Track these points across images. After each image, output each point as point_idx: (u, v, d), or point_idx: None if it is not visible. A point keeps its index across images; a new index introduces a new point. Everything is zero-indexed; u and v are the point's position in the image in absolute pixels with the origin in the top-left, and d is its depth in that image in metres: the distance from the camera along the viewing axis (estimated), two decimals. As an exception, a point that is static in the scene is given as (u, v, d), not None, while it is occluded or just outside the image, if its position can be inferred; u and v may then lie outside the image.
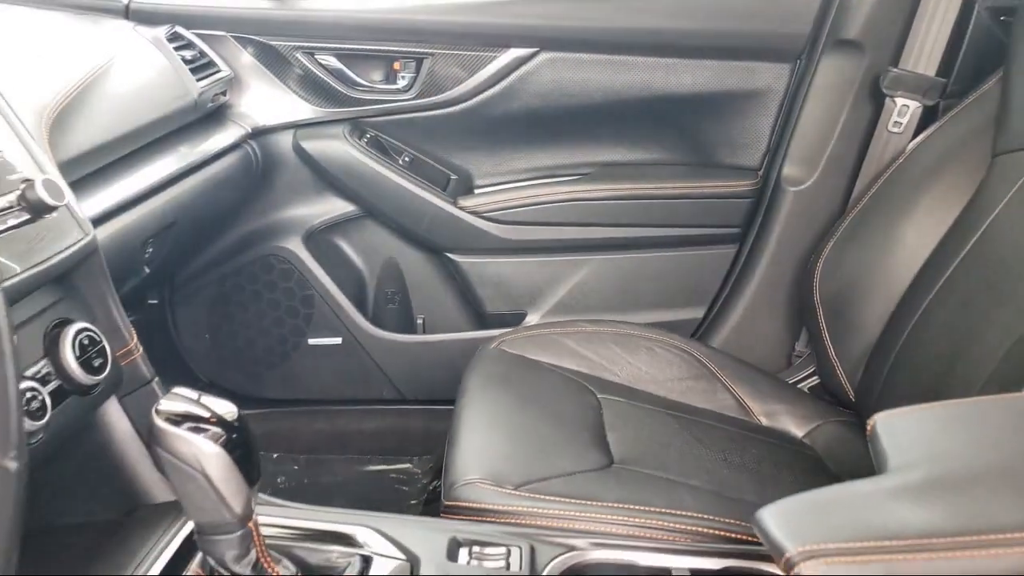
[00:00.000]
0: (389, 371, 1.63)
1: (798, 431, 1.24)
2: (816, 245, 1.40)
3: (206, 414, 0.62)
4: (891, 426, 0.68)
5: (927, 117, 1.34)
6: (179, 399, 0.63)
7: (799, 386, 1.46)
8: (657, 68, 1.47)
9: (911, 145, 1.30)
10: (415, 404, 1.65)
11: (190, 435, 0.61)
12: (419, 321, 1.67)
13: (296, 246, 1.56)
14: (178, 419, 0.62)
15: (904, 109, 1.34)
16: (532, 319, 1.61)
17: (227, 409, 0.64)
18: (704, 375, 1.30)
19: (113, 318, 0.82)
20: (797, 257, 1.48)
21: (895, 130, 1.36)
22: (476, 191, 1.63)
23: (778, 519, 0.57)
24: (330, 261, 1.61)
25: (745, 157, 1.55)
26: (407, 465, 1.62)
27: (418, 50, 1.47)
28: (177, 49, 1.32)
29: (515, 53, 1.47)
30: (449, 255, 1.61)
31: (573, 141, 1.61)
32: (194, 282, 1.56)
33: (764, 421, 1.25)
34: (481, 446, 1.01)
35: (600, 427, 1.11)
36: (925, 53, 1.32)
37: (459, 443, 1.03)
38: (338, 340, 1.60)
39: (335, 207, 1.57)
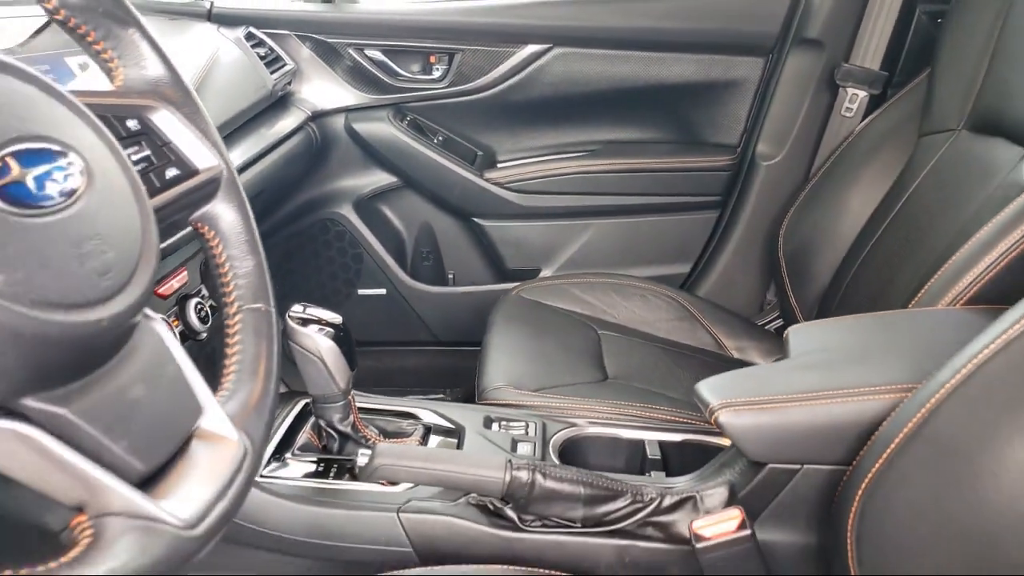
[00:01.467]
0: (425, 317, 1.82)
1: (763, 362, 1.48)
2: (783, 211, 1.59)
3: (324, 318, 0.88)
4: (799, 332, 0.94)
5: (875, 103, 1.53)
6: (301, 309, 0.90)
7: (767, 327, 1.65)
8: (651, 61, 1.65)
9: (859, 127, 1.48)
10: (447, 345, 1.84)
11: (313, 332, 0.87)
12: (450, 275, 1.86)
13: (348, 211, 1.75)
14: (303, 321, 0.88)
15: (854, 97, 1.54)
16: (545, 273, 1.79)
17: (334, 317, 0.90)
18: (687, 317, 1.52)
19: None
20: (767, 221, 1.65)
21: (847, 115, 1.56)
22: (499, 165, 1.79)
23: (708, 385, 0.83)
24: (376, 224, 1.78)
25: (725, 136, 1.73)
26: (440, 396, 1.80)
27: (450, 46, 1.65)
28: (252, 47, 1.52)
29: (531, 49, 1.64)
30: (475, 220, 1.79)
31: (580, 123, 1.77)
32: (264, 242, 1.80)
33: (735, 354, 1.47)
34: (506, 364, 1.25)
35: (599, 354, 1.34)
36: (871, 50, 1.52)
37: (488, 362, 1.27)
38: (383, 291, 1.79)
39: (380, 179, 1.75)
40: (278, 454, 0.92)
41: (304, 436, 0.95)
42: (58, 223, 0.38)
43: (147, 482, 0.41)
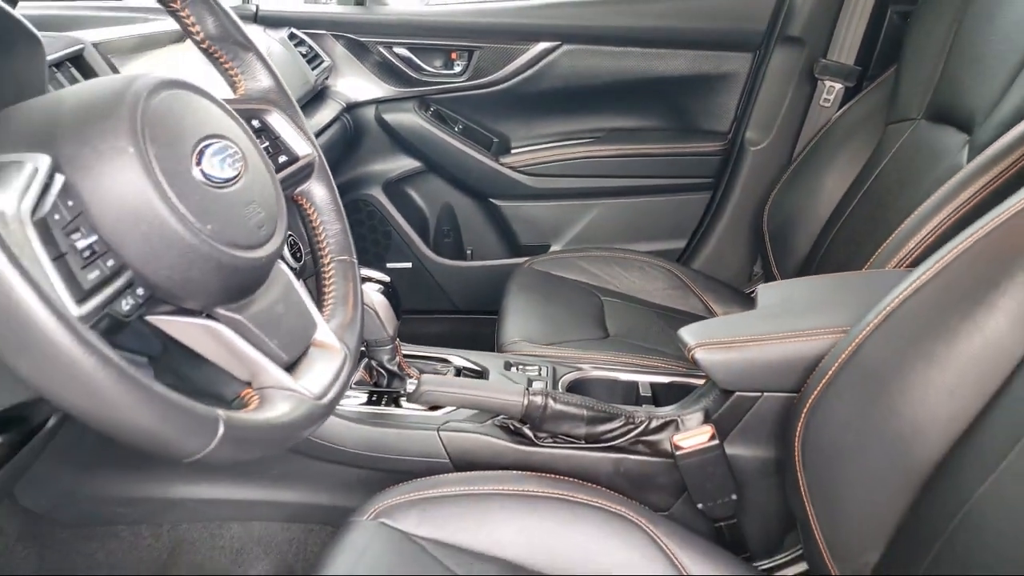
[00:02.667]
0: (446, 288, 1.99)
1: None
2: (768, 191, 1.75)
3: (375, 277, 1.07)
4: (766, 289, 1.13)
5: (850, 95, 1.69)
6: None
7: (753, 296, 1.83)
8: (650, 56, 1.80)
9: (835, 116, 1.65)
10: (465, 313, 2.01)
11: (368, 288, 1.07)
12: (468, 251, 2.02)
13: (378, 193, 1.91)
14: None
15: (831, 89, 1.71)
16: (554, 248, 1.95)
17: (384, 276, 1.10)
18: (681, 286, 1.68)
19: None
20: (754, 200, 1.81)
21: (825, 105, 1.73)
22: (513, 151, 1.94)
23: (688, 330, 1.01)
24: (402, 204, 1.94)
25: (717, 124, 1.88)
26: (461, 360, 2.01)
27: (469, 44, 1.81)
28: (295, 46, 1.68)
29: (542, 46, 1.79)
30: (492, 200, 1.94)
31: (586, 112, 1.92)
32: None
33: (723, 319, 1.67)
34: (520, 323, 1.43)
35: (601, 316, 1.52)
36: (846, 47, 1.69)
37: (505, 322, 1.45)
38: (408, 264, 1.95)
39: (406, 163, 1.91)
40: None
41: (359, 374, 1.14)
42: (233, 192, 0.58)
43: (289, 369, 0.61)
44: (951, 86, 1.37)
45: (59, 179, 0.48)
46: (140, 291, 0.51)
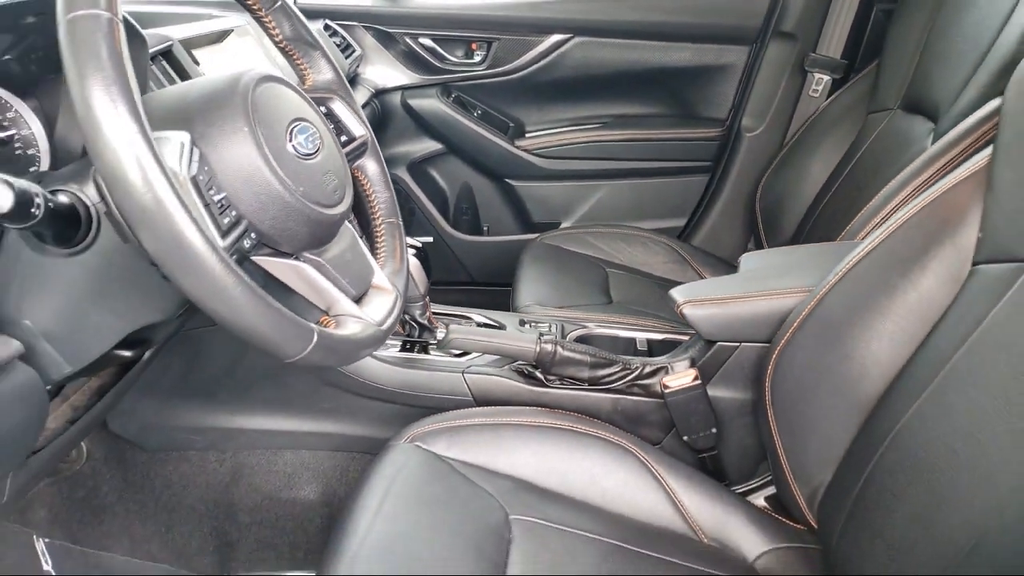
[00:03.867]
0: (464, 261, 2.13)
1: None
2: (761, 174, 1.90)
3: (410, 242, 1.24)
4: (749, 257, 1.29)
5: (837, 86, 1.84)
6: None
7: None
8: (655, 49, 1.94)
9: (823, 106, 1.80)
10: (482, 285, 2.15)
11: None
12: (485, 227, 2.16)
13: (402, 172, 2.05)
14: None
15: (820, 80, 1.86)
16: (565, 225, 2.09)
17: (415, 241, 1.26)
18: (679, 260, 1.84)
19: None
20: (749, 182, 1.95)
21: (814, 95, 1.87)
22: (527, 135, 2.07)
23: (678, 290, 1.18)
24: (425, 184, 2.08)
25: (715, 111, 2.02)
26: (477, 327, 2.16)
27: (488, 35, 1.94)
28: (330, 36, 1.84)
29: (555, 38, 1.92)
30: (507, 180, 2.08)
31: (595, 99, 2.05)
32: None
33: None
34: (533, 289, 1.60)
35: (606, 286, 1.68)
36: (834, 42, 1.84)
37: (519, 290, 1.61)
38: (430, 239, 2.07)
39: (429, 146, 2.05)
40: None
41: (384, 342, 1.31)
42: (315, 163, 0.75)
43: (356, 302, 0.78)
44: (923, 79, 1.52)
45: (196, 151, 0.66)
46: (253, 236, 0.68)
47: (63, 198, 0.66)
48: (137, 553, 1.25)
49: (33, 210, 0.60)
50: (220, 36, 1.28)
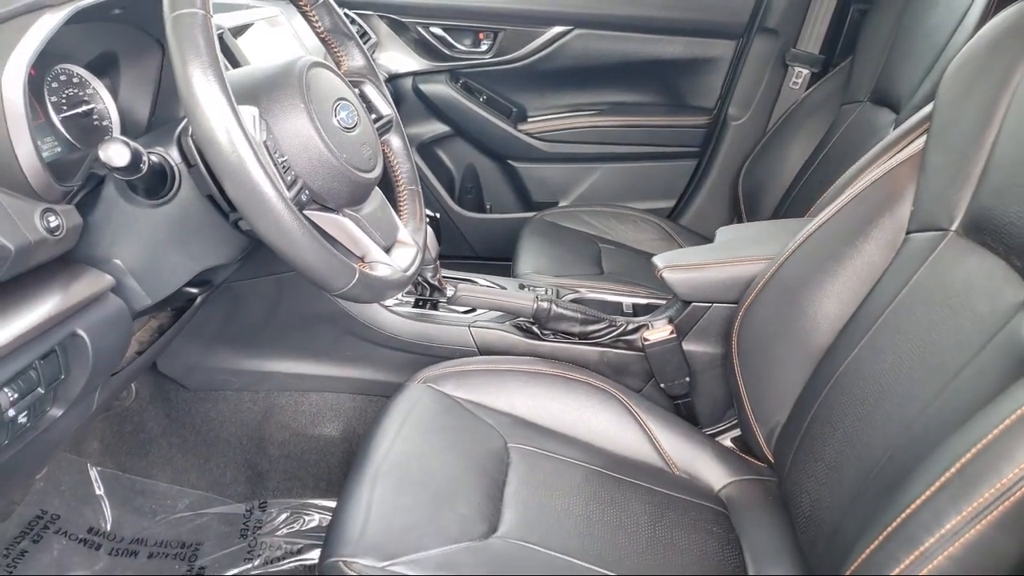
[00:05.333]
0: (468, 237, 2.27)
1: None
2: (744, 159, 2.05)
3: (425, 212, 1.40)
4: (724, 230, 1.44)
5: (815, 79, 1.99)
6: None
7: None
8: (649, 41, 2.07)
9: (801, 97, 1.96)
10: (484, 259, 2.28)
11: None
12: (488, 206, 2.29)
13: (412, 154, 2.23)
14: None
15: (800, 73, 2.01)
16: (562, 204, 2.23)
17: (431, 212, 1.42)
18: (667, 238, 1.99)
19: None
20: (733, 167, 2.09)
21: (794, 87, 2.02)
22: (529, 119, 2.20)
23: (659, 257, 1.33)
24: (432, 163, 2.21)
25: (704, 101, 2.15)
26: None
27: (494, 26, 2.07)
28: None
29: (556, 29, 2.05)
30: (510, 162, 2.21)
31: (593, 88, 2.17)
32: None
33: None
34: (531, 260, 1.76)
35: (599, 258, 1.83)
36: (813, 38, 1.98)
37: (518, 261, 1.77)
38: (437, 215, 2.24)
39: (437, 128, 2.17)
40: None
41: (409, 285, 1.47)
42: (355, 136, 0.90)
43: (386, 252, 0.94)
44: (889, 75, 1.68)
45: (264, 122, 0.81)
46: (306, 192, 0.84)
47: (154, 158, 0.82)
48: (178, 481, 1.42)
49: (141, 165, 0.76)
50: (259, 25, 1.44)
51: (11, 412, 0.74)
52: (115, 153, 0.73)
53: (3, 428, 0.74)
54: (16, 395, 0.74)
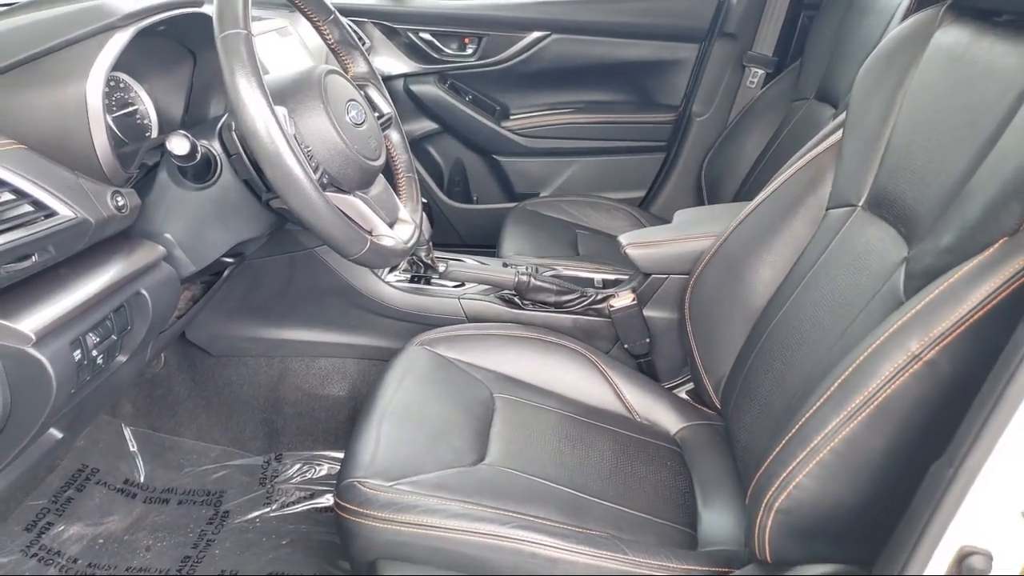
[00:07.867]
0: (457, 226, 2.43)
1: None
2: (707, 152, 2.24)
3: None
4: (680, 212, 1.65)
5: (769, 79, 2.18)
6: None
7: None
8: (620, 45, 2.23)
9: (756, 95, 2.15)
10: (472, 247, 2.42)
11: None
12: (474, 197, 2.45)
13: None
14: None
15: (755, 74, 2.21)
16: (543, 194, 2.39)
17: (424, 199, 1.61)
18: (637, 224, 2.15)
19: None
20: (697, 159, 2.27)
21: (750, 86, 2.21)
22: (511, 117, 2.36)
23: (624, 236, 1.53)
24: (423, 158, 2.37)
25: (670, 99, 2.33)
26: (466, 282, 2.48)
27: (478, 32, 2.23)
28: None
29: (535, 35, 2.21)
30: (494, 156, 2.37)
31: (569, 88, 2.34)
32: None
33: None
34: (515, 243, 1.93)
35: (576, 243, 2.01)
36: (767, 41, 2.18)
37: (503, 244, 1.95)
38: (426, 201, 2.42)
39: (427, 125, 2.34)
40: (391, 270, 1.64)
41: (404, 263, 1.66)
42: (363, 131, 1.10)
43: (389, 227, 1.14)
44: (832, 73, 1.87)
45: (292, 120, 1.01)
46: (326, 177, 1.03)
47: (201, 149, 1.01)
48: (203, 438, 1.61)
49: (196, 154, 0.95)
50: (270, 34, 1.63)
51: (94, 352, 0.92)
52: (178, 144, 0.93)
53: (88, 366, 0.92)
54: (97, 339, 0.93)
